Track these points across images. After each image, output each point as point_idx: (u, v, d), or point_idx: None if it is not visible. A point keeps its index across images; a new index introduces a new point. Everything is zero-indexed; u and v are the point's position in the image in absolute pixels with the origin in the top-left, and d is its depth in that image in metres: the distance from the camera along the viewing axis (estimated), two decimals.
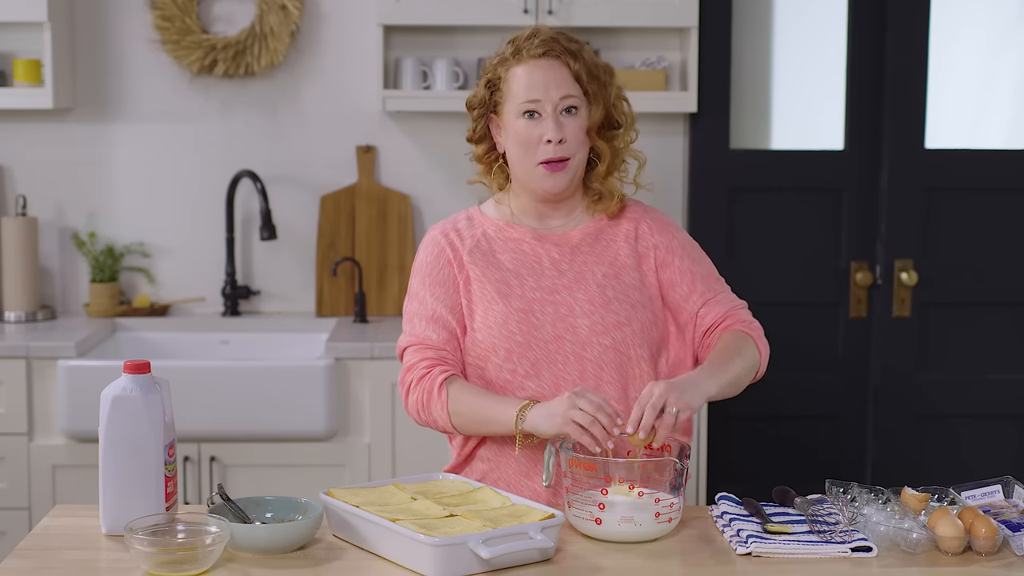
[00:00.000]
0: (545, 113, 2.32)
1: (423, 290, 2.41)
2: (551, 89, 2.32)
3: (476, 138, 2.46)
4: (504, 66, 2.37)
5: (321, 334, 4.01)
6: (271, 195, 4.09)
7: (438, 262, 2.42)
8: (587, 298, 2.36)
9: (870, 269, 4.19)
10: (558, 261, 2.40)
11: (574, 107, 2.34)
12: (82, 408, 3.53)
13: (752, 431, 4.22)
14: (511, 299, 2.36)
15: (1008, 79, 4.27)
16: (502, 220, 2.45)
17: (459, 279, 2.40)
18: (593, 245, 2.41)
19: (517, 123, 2.34)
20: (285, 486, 3.55)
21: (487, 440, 2.38)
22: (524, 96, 2.33)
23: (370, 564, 2.02)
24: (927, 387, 4.20)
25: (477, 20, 3.91)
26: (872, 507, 2.16)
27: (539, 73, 2.33)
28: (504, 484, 2.37)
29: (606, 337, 2.34)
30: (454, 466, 2.45)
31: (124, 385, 2.11)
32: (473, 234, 2.43)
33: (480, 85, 2.41)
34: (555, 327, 2.34)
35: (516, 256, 2.40)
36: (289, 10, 4.04)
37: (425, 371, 2.34)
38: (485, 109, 2.41)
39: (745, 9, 4.17)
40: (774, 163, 4.20)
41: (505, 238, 2.42)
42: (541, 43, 2.34)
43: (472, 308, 2.38)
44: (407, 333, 2.41)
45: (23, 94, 3.91)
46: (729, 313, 2.42)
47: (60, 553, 2.06)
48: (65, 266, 4.15)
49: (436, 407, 2.32)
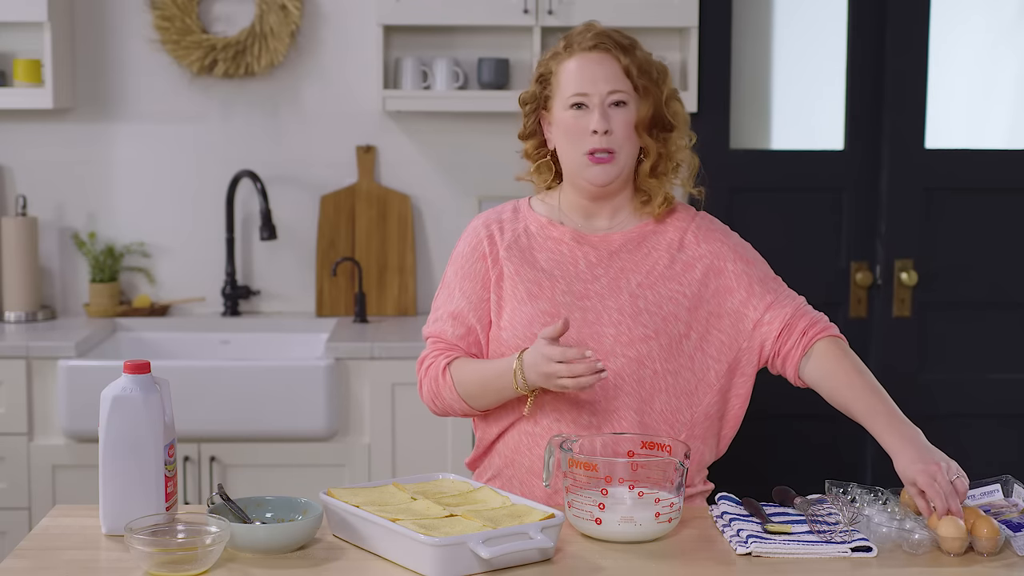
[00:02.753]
0: (592, 105, 2.31)
1: (454, 282, 2.42)
2: (599, 82, 2.31)
3: (526, 134, 2.44)
4: (556, 60, 2.37)
5: (321, 334, 4.01)
6: (271, 195, 4.09)
7: (473, 255, 2.42)
8: (617, 307, 2.34)
9: (870, 269, 4.19)
10: (594, 265, 2.37)
11: (623, 101, 2.32)
12: (82, 408, 3.53)
13: (752, 431, 4.21)
14: (539, 301, 2.35)
15: (1008, 79, 4.27)
16: (547, 217, 2.43)
17: (491, 274, 2.39)
18: (633, 252, 2.38)
19: (565, 115, 2.33)
20: (285, 486, 3.55)
21: (504, 435, 2.39)
22: (573, 88, 2.32)
23: (370, 564, 2.02)
24: (927, 387, 4.20)
25: (477, 20, 3.91)
26: (873, 508, 2.16)
27: (588, 66, 2.33)
28: (517, 482, 2.38)
29: (631, 349, 2.32)
30: (474, 457, 2.48)
31: (124, 385, 2.11)
32: (515, 228, 2.43)
33: (532, 81, 2.41)
34: (580, 333, 2.32)
35: (553, 256, 2.39)
36: (289, 10, 4.04)
37: (432, 360, 2.39)
38: (536, 105, 2.40)
39: (745, 9, 4.17)
40: (774, 163, 4.20)
41: (545, 236, 2.41)
42: (593, 36, 2.35)
43: (501, 304, 2.38)
44: (431, 322, 2.44)
45: (23, 94, 3.91)
46: (797, 315, 2.39)
47: (60, 553, 2.05)
48: (65, 266, 4.15)
49: (445, 391, 2.36)
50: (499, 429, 2.40)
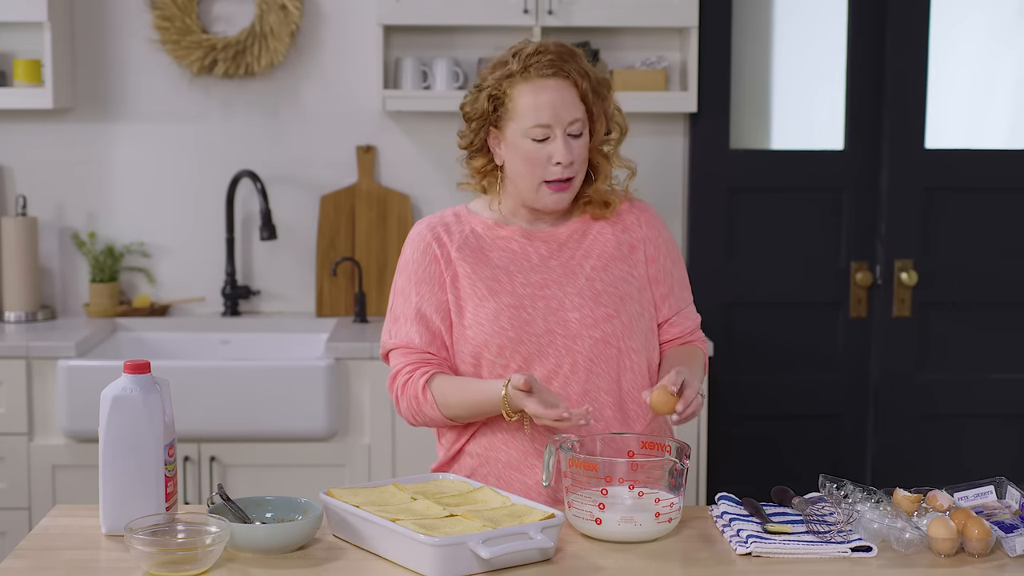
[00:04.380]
0: (555, 136, 2.32)
1: (409, 288, 2.41)
2: (560, 112, 2.32)
3: (473, 149, 2.44)
4: (510, 83, 2.34)
5: (321, 334, 4.01)
6: (271, 195, 4.09)
7: (424, 258, 2.41)
8: (576, 291, 2.37)
9: (870, 269, 4.19)
10: (547, 257, 2.40)
11: (580, 132, 2.35)
12: (82, 408, 3.53)
13: (752, 431, 4.22)
14: (501, 295, 2.36)
15: (1008, 79, 4.27)
16: (491, 219, 2.45)
17: (446, 276, 2.39)
18: (581, 240, 2.42)
19: (523, 142, 2.33)
20: (285, 486, 3.55)
21: (475, 436, 2.39)
22: (534, 120, 2.32)
23: (370, 564, 2.02)
24: (927, 387, 4.20)
25: (477, 20, 3.91)
26: (866, 506, 2.16)
27: (547, 95, 2.32)
28: (494, 479, 2.37)
29: (596, 330, 2.35)
30: (441, 463, 2.46)
31: (124, 385, 2.11)
32: (462, 230, 2.43)
33: (480, 96, 2.37)
34: (546, 321, 2.35)
35: (505, 253, 2.41)
36: (289, 10, 4.04)
37: (408, 376, 2.37)
38: (486, 122, 2.39)
39: (745, 9, 4.17)
40: (774, 163, 4.20)
41: (494, 236, 2.43)
42: (550, 63, 2.32)
43: (462, 305, 2.38)
44: (392, 334, 2.42)
45: (23, 94, 3.91)
46: (693, 331, 2.49)
47: (60, 553, 2.05)
48: (65, 266, 4.15)
49: (427, 408, 2.35)
50: (468, 433, 2.41)
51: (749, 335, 4.18)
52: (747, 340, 4.18)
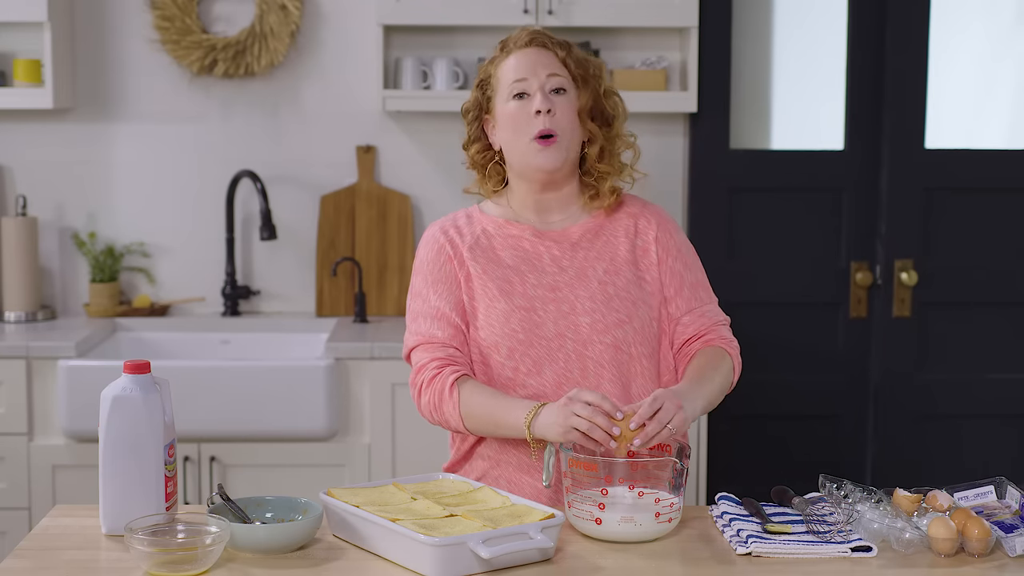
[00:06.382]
0: (533, 90, 2.35)
1: (426, 288, 2.41)
2: (538, 68, 2.36)
3: (470, 141, 2.47)
4: (494, 64, 2.41)
5: (321, 334, 4.01)
6: (271, 195, 4.09)
7: (439, 259, 2.41)
8: (588, 295, 2.36)
9: (870, 269, 4.19)
10: (559, 258, 2.40)
11: (562, 88, 2.36)
12: (82, 408, 3.53)
13: (752, 431, 4.22)
14: (513, 296, 2.36)
15: (1008, 79, 4.27)
16: (502, 218, 2.45)
17: (460, 276, 2.39)
18: (593, 241, 2.41)
19: (507, 107, 2.36)
20: (285, 486, 3.55)
21: (487, 438, 2.39)
22: (512, 78, 2.36)
23: (370, 564, 2.02)
24: (927, 387, 4.20)
25: (477, 20, 3.91)
26: (865, 506, 2.16)
27: (527, 58, 2.37)
28: (505, 482, 2.37)
29: (607, 335, 2.34)
30: (453, 463, 2.45)
31: (124, 385, 2.11)
32: (473, 231, 2.43)
33: (473, 89, 2.45)
34: (557, 325, 2.34)
35: (516, 253, 2.40)
36: (289, 10, 4.04)
37: (436, 371, 2.34)
38: (479, 111, 2.43)
39: (745, 9, 4.17)
40: (774, 163, 4.20)
41: (505, 235, 2.42)
42: (529, 34, 2.39)
43: (474, 305, 2.38)
44: (413, 332, 2.40)
45: (23, 94, 3.91)
46: (711, 328, 2.43)
47: (60, 553, 2.05)
48: (65, 266, 4.15)
49: (448, 408, 2.31)
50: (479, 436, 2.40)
51: (749, 335, 4.15)
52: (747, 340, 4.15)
